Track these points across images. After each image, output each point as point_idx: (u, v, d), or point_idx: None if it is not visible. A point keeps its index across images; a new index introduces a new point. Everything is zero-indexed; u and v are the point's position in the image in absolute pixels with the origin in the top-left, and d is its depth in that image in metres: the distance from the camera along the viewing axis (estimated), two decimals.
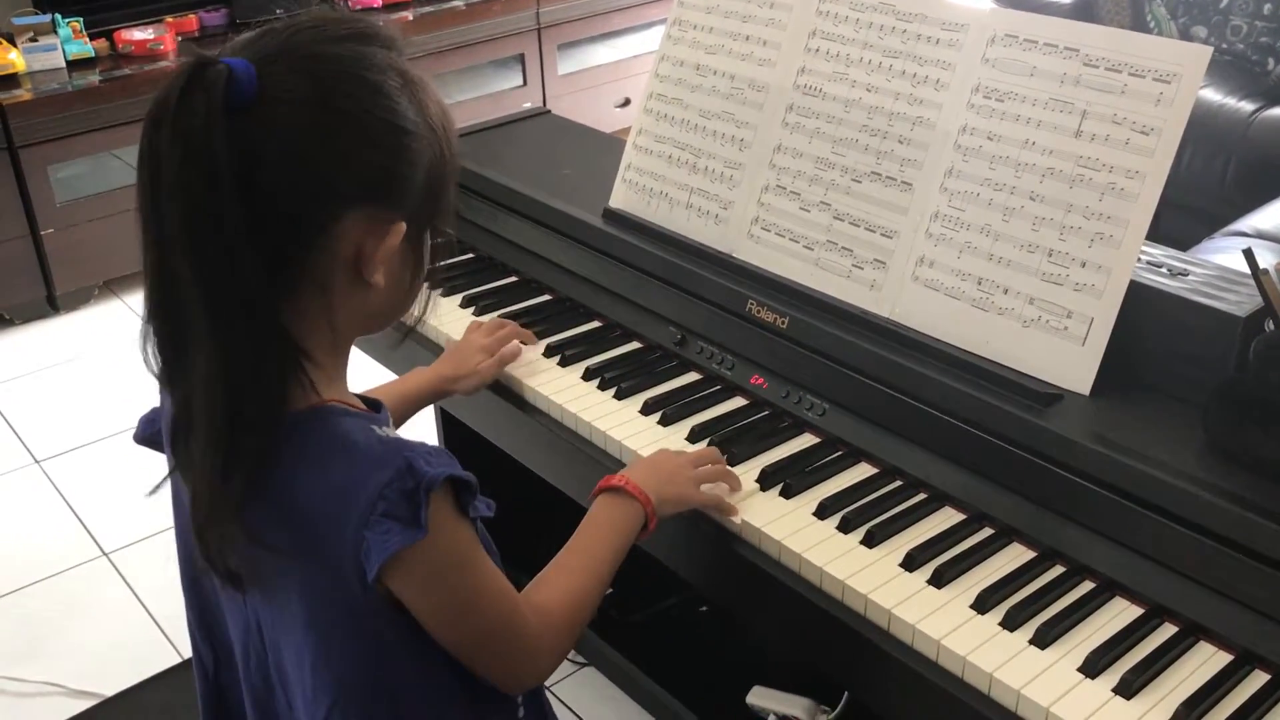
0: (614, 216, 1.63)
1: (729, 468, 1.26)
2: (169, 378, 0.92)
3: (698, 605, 1.89)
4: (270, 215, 0.88)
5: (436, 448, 0.93)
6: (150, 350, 0.92)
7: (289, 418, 0.92)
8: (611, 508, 1.14)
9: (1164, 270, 1.25)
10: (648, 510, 1.14)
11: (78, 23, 3.38)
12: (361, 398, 1.02)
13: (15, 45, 3.29)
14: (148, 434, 1.10)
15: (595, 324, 1.59)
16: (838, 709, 1.52)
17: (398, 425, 1.35)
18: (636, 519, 1.13)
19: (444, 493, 0.91)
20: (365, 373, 1.31)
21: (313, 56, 0.90)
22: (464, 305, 1.66)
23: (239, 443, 0.89)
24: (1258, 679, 1.01)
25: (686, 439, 1.34)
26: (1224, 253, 2.40)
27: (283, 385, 0.91)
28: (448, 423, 1.96)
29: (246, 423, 0.89)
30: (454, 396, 1.44)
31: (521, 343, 1.51)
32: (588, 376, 1.46)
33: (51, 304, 3.35)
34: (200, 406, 0.90)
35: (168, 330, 0.90)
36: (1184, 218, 3.01)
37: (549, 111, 2.15)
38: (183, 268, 0.86)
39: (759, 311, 1.41)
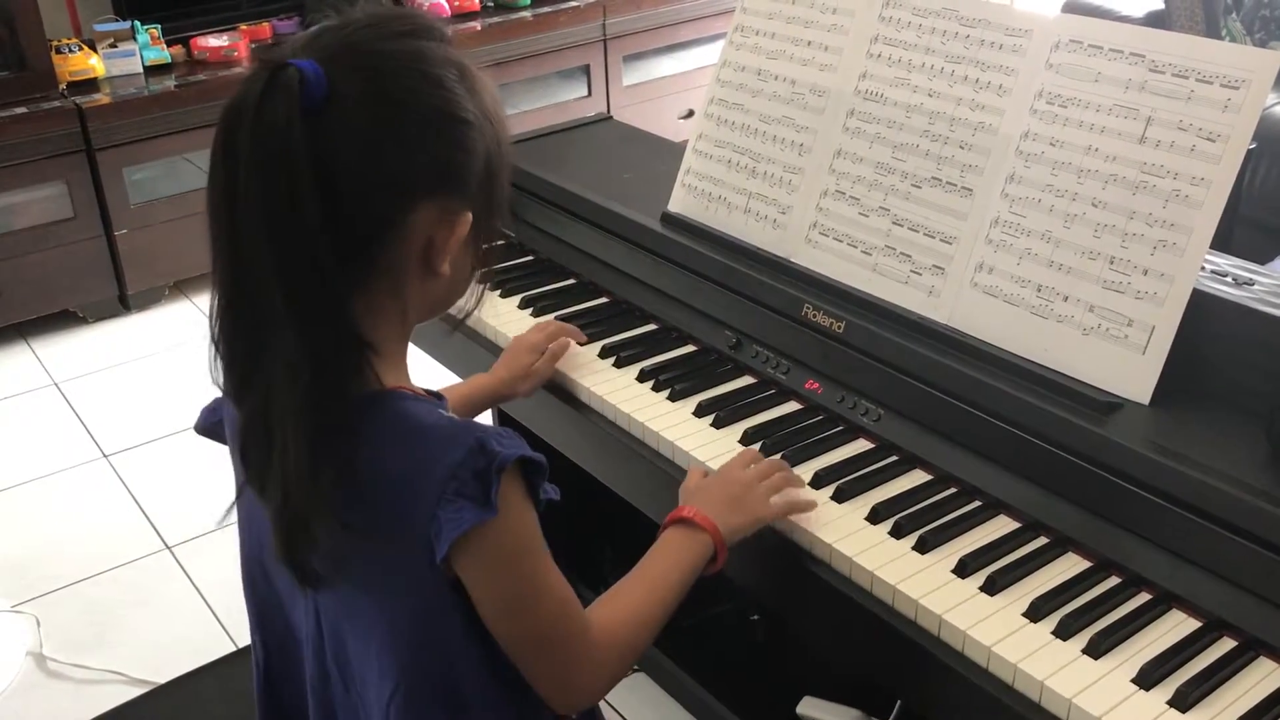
0: (672, 220, 1.63)
1: (794, 472, 1.24)
2: (239, 384, 0.93)
3: (750, 613, 1.89)
4: (347, 212, 0.90)
5: (506, 429, 0.94)
6: (217, 359, 0.93)
7: (355, 402, 0.93)
8: (681, 539, 1.13)
9: (1229, 279, 1.23)
10: (717, 543, 1.13)
11: (156, 30, 3.47)
12: (425, 390, 1.03)
13: (96, 51, 3.38)
14: (209, 424, 1.12)
15: (651, 326, 1.59)
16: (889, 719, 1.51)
17: None
18: (705, 552, 1.12)
19: (514, 474, 0.92)
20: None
21: (375, 54, 0.92)
22: (522, 306, 1.67)
23: (324, 433, 0.90)
24: None
25: (740, 441, 1.34)
26: None
27: (350, 374, 0.92)
28: (504, 420, 1.98)
29: (327, 413, 0.91)
30: (514, 399, 1.45)
31: (574, 341, 1.52)
32: (643, 378, 1.46)
33: (123, 303, 3.43)
34: (284, 403, 0.90)
35: (243, 329, 0.91)
36: (1259, 234, 2.95)
37: (610, 117, 2.16)
38: (261, 266, 0.87)
39: (815, 316, 1.40)
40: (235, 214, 0.87)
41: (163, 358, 3.21)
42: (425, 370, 1.47)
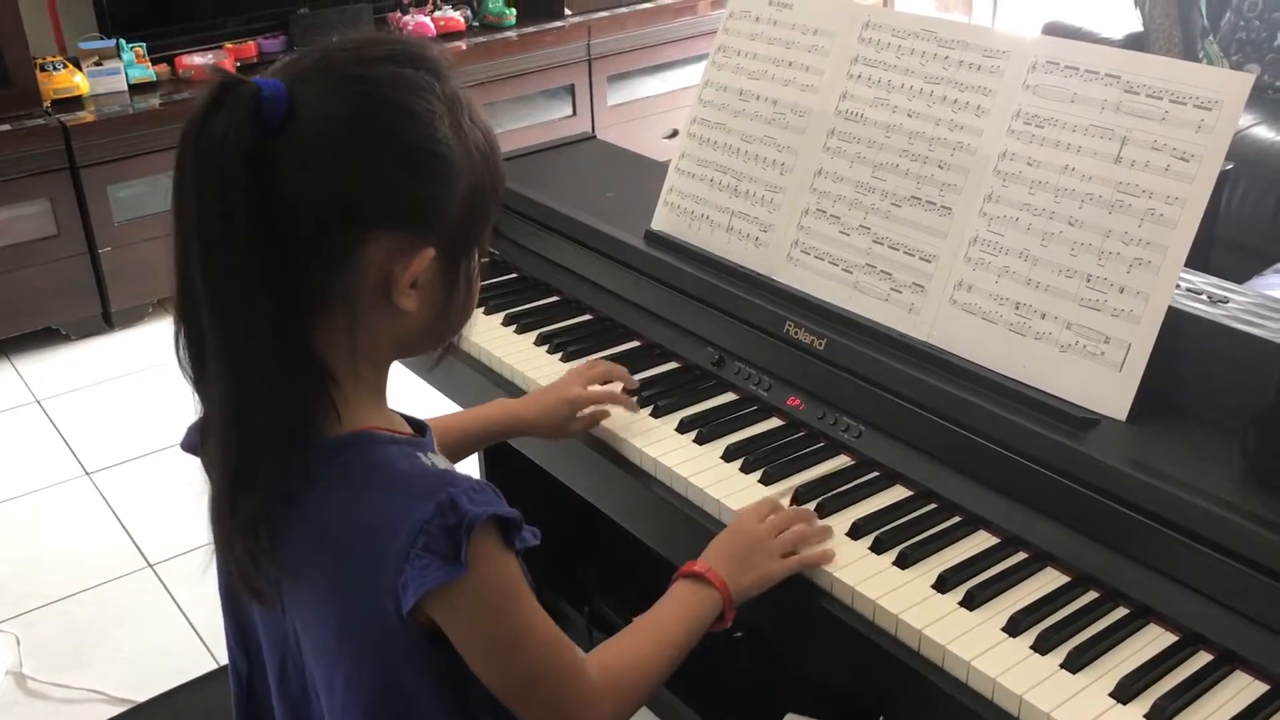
0: (655, 238, 1.64)
1: (818, 522, 1.21)
2: (197, 385, 0.94)
3: (733, 630, 1.89)
4: (292, 236, 0.88)
5: (481, 482, 0.92)
6: (183, 356, 0.93)
7: (327, 444, 0.92)
8: (691, 594, 1.11)
9: (1203, 297, 1.24)
10: (725, 601, 1.11)
11: (141, 48, 3.48)
12: (407, 418, 1.02)
13: (80, 69, 3.39)
14: (194, 443, 1.11)
15: (635, 343, 1.60)
16: None
17: (466, 455, 1.35)
18: (714, 608, 1.11)
19: (488, 529, 0.90)
20: (403, 389, 1.32)
21: (345, 78, 0.89)
22: (506, 323, 1.68)
23: (249, 468, 0.90)
24: None
25: (721, 458, 1.34)
26: (1274, 290, 2.38)
27: (304, 410, 0.91)
28: None
29: (258, 448, 0.90)
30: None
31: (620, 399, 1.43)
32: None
33: (107, 320, 3.42)
34: (215, 426, 0.92)
35: (191, 345, 0.91)
36: (1234, 254, 2.98)
37: (595, 136, 2.18)
38: (199, 286, 0.87)
39: (797, 333, 1.41)
40: (181, 232, 0.87)
41: (146, 376, 3.20)
42: (413, 387, 1.47)
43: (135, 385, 3.17)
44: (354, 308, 0.92)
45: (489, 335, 1.65)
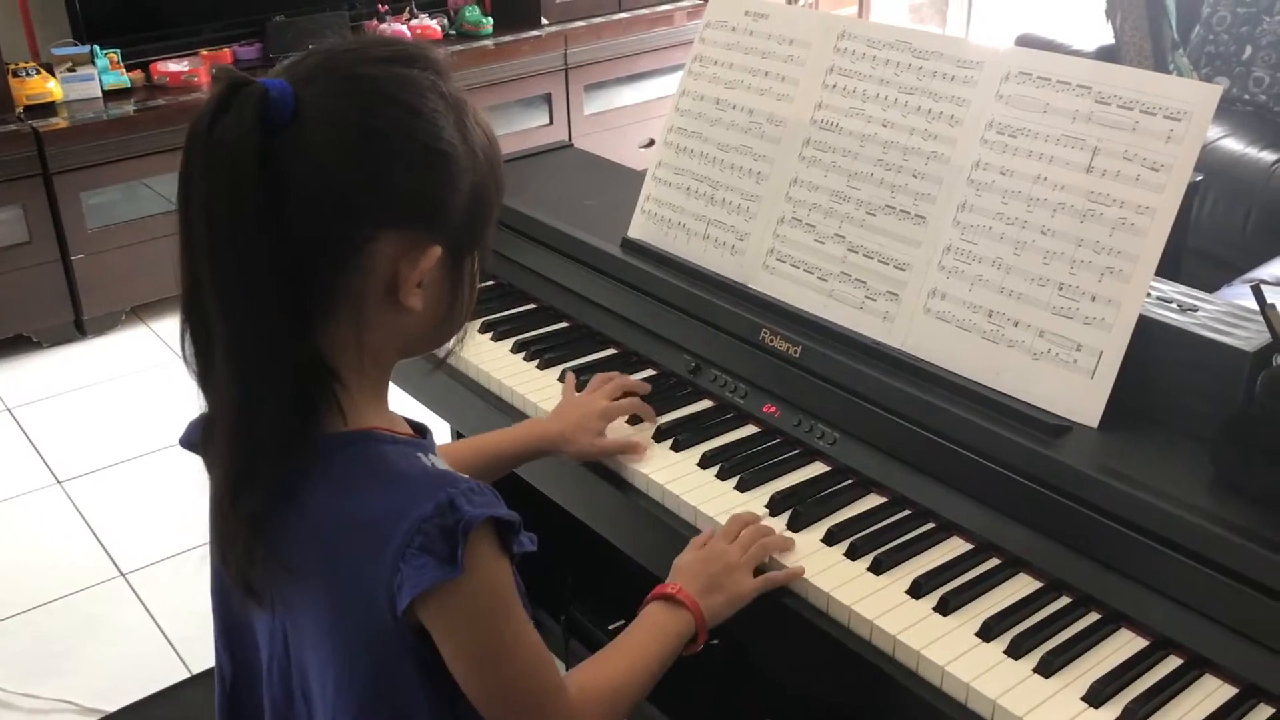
0: (632, 246, 1.65)
1: (777, 534, 1.21)
2: (202, 383, 0.93)
3: (709, 638, 1.89)
4: (301, 236, 0.88)
5: (480, 484, 0.92)
6: (188, 353, 0.93)
7: (327, 442, 0.92)
8: (663, 615, 1.12)
9: (1173, 305, 1.26)
10: (698, 623, 1.12)
11: (115, 54, 3.46)
12: (409, 421, 1.02)
13: (54, 75, 3.37)
14: (193, 439, 1.09)
15: (611, 351, 1.60)
16: None
17: (496, 478, 1.33)
18: (687, 629, 1.12)
19: (485, 532, 0.90)
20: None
21: (350, 77, 0.90)
22: (483, 330, 1.68)
23: (252, 467, 0.90)
24: (1262, 713, 1.01)
25: (697, 465, 1.35)
26: (1243, 299, 2.41)
27: (310, 409, 0.91)
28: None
29: (261, 447, 0.90)
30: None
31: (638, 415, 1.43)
32: None
33: (79, 328, 3.40)
34: (219, 425, 0.92)
35: (197, 343, 0.91)
36: (1205, 265, 3.01)
37: (572, 145, 2.18)
38: (207, 285, 0.87)
39: (772, 341, 1.42)
40: (189, 230, 0.87)
41: (118, 383, 3.18)
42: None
43: (107, 393, 3.15)
44: (361, 307, 0.92)
45: (468, 344, 1.65)
